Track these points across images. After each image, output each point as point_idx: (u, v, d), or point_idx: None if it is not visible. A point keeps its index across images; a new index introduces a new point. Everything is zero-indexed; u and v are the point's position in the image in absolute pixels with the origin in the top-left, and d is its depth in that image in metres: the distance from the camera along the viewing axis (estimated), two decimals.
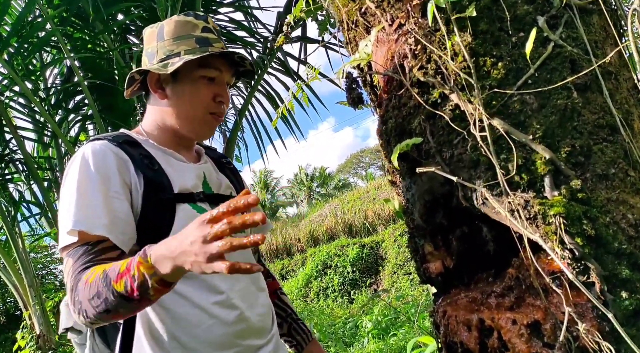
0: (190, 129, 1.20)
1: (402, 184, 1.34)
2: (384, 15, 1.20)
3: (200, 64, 1.16)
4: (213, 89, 1.18)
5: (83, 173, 1.04)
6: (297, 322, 1.47)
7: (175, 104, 1.18)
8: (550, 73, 1.03)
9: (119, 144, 1.11)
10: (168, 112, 1.19)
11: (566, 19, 1.04)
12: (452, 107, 1.09)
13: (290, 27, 1.79)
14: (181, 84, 1.18)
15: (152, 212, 1.05)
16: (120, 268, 0.89)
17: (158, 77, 1.19)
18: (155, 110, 1.22)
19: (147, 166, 1.09)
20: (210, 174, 1.24)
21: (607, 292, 0.96)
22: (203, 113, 1.18)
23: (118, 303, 0.89)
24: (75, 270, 0.96)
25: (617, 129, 1.02)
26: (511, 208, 1.04)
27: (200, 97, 1.17)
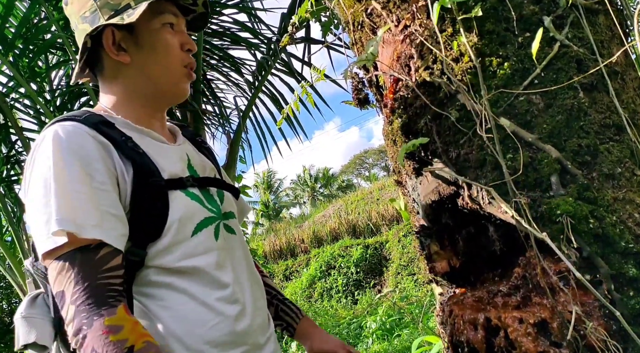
0: (169, 88, 1.06)
1: (408, 184, 1.34)
2: (390, 16, 1.20)
3: (156, 12, 1.02)
4: (178, 37, 1.05)
5: (58, 159, 0.87)
6: (285, 302, 1.34)
7: (145, 63, 1.02)
8: (557, 73, 1.03)
9: (94, 124, 0.94)
10: (137, 77, 1.03)
11: (572, 19, 1.04)
12: (459, 107, 1.10)
13: (295, 28, 1.80)
14: (144, 38, 1.02)
15: (143, 201, 0.93)
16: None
17: (114, 39, 1.01)
18: (118, 81, 1.04)
19: (132, 150, 0.95)
20: (192, 155, 1.11)
21: (614, 291, 0.96)
22: (178, 65, 1.04)
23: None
24: (83, 296, 0.82)
25: (624, 128, 1.02)
26: (517, 208, 1.04)
27: (169, 48, 1.02)
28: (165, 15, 1.03)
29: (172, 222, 0.94)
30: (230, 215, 1.10)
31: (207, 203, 1.03)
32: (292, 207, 41.47)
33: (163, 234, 0.93)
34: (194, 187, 1.02)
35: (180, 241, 0.95)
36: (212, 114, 5.81)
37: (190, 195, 1.00)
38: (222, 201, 1.09)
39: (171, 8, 1.04)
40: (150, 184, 0.93)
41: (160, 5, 1.02)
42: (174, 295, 0.95)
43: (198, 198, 1.01)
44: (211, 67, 5.73)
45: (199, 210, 1.00)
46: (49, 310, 0.97)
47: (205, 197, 1.04)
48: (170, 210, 0.94)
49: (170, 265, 0.94)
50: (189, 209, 0.98)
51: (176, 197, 0.96)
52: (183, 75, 1.05)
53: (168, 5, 1.04)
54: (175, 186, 0.98)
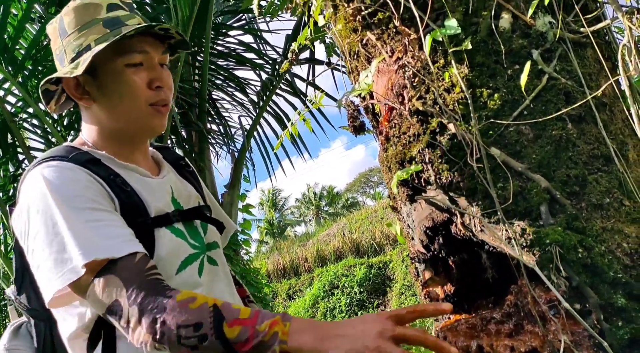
0: (135, 130, 1.02)
1: (403, 210, 1.36)
2: (384, 47, 1.24)
3: (119, 51, 0.97)
4: (144, 75, 0.99)
5: (57, 198, 0.85)
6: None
7: (107, 106, 0.99)
8: (545, 104, 1.06)
9: (82, 164, 0.93)
10: (104, 118, 1.01)
11: (560, 52, 1.07)
12: (450, 136, 1.12)
13: (295, 55, 1.84)
14: (105, 81, 0.98)
15: None
16: (240, 313, 0.78)
17: (77, 82, 0.99)
18: (92, 119, 1.02)
19: (119, 188, 0.94)
20: (176, 186, 1.08)
21: (603, 320, 0.97)
22: (142, 106, 0.99)
23: (214, 345, 0.77)
24: (141, 293, 0.80)
25: (612, 159, 1.04)
26: (508, 236, 1.06)
27: (132, 90, 0.98)
28: (130, 55, 0.97)
29: (157, 260, 0.92)
30: (213, 245, 1.09)
31: (190, 238, 1.02)
32: (296, 225, 41.40)
33: None
34: (178, 222, 1.01)
35: (165, 280, 0.91)
36: (217, 133, 5.87)
37: (175, 232, 0.99)
38: (206, 232, 1.08)
39: (140, 44, 0.99)
40: (138, 224, 0.92)
41: (126, 44, 0.97)
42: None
43: (182, 235, 1.00)
44: (216, 87, 5.81)
45: (183, 247, 0.99)
46: (32, 340, 0.97)
47: (189, 231, 1.03)
48: (156, 249, 0.93)
49: None
50: (174, 247, 0.97)
51: (161, 235, 0.95)
52: (149, 114, 1.00)
53: (136, 42, 0.98)
54: (161, 223, 0.96)
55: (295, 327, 0.75)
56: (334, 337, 0.73)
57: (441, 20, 1.13)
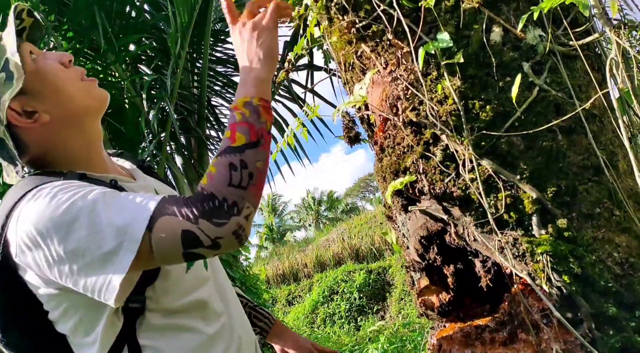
0: (87, 110, 0.99)
1: (398, 219, 1.37)
2: (379, 58, 1.26)
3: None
4: (48, 59, 0.97)
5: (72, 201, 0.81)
6: (256, 309, 1.37)
7: (55, 105, 0.95)
8: (536, 116, 1.07)
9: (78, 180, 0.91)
10: (62, 127, 0.96)
11: (550, 64, 1.09)
12: (443, 148, 1.14)
13: (292, 64, 1.86)
14: (34, 87, 0.93)
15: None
16: (226, 133, 0.83)
17: (18, 112, 0.93)
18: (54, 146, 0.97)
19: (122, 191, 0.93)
20: (157, 186, 1.08)
21: (595, 329, 0.98)
22: (77, 83, 0.98)
23: (249, 156, 0.81)
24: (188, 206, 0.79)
25: (602, 169, 1.05)
26: (500, 246, 1.07)
27: (57, 74, 0.95)
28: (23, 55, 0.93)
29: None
30: None
31: None
32: (296, 230, 41.37)
33: (159, 276, 0.92)
34: None
35: (177, 280, 0.95)
36: (216, 139, 5.89)
37: None
38: None
39: (26, 45, 0.96)
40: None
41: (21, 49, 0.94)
42: (181, 335, 0.94)
43: None
44: (215, 94, 5.84)
45: None
46: None
47: None
48: None
49: (171, 305, 0.94)
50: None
51: None
52: (87, 87, 0.99)
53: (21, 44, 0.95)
54: None
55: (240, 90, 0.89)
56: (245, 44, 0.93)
57: (433, 33, 1.15)
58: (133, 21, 4.53)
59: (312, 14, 1.41)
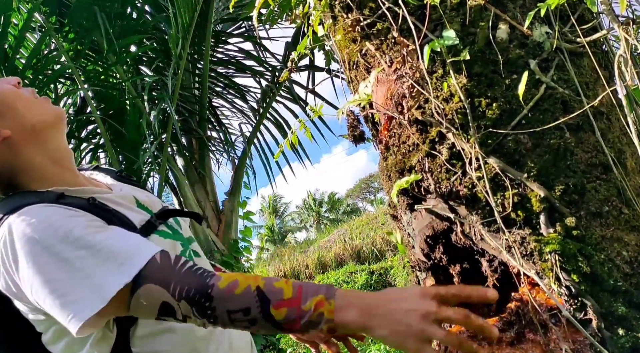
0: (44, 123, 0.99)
1: (403, 219, 1.36)
2: (383, 57, 1.25)
3: None
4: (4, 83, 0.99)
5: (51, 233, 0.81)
6: None
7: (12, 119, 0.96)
8: (543, 114, 1.06)
9: (55, 200, 0.90)
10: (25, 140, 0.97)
11: (557, 61, 1.08)
12: (449, 146, 1.13)
13: (294, 64, 1.85)
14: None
15: None
16: (284, 293, 0.78)
17: None
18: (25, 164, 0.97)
19: (102, 209, 0.93)
20: (136, 194, 1.08)
21: (604, 329, 0.97)
22: (29, 100, 0.99)
23: (266, 326, 0.79)
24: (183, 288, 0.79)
25: (610, 167, 1.04)
26: (508, 245, 1.06)
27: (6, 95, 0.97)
28: None
29: None
30: (192, 239, 1.11)
31: (175, 236, 1.04)
32: (297, 231, 41.34)
33: None
34: (161, 224, 1.01)
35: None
36: (218, 141, 5.88)
37: (163, 235, 0.99)
38: (180, 227, 1.09)
39: None
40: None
41: None
42: (172, 336, 0.95)
43: (169, 235, 1.02)
44: (217, 95, 5.83)
45: (175, 246, 1.01)
46: None
47: (171, 230, 1.04)
48: None
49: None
50: (169, 249, 0.94)
51: (153, 242, 0.93)
52: (40, 103, 1.01)
53: None
54: (149, 230, 0.96)
55: (340, 304, 0.76)
56: (379, 315, 0.73)
57: (439, 30, 1.14)
58: (134, 22, 4.52)
59: (315, 12, 1.41)
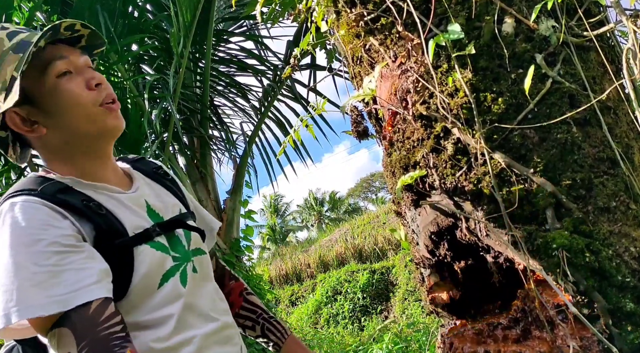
0: (93, 137, 0.99)
1: (407, 215, 1.35)
2: (387, 52, 1.24)
3: (42, 68, 0.94)
4: (78, 80, 0.97)
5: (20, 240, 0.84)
6: (270, 321, 1.29)
7: (59, 126, 0.97)
8: (550, 108, 1.05)
9: (51, 195, 0.91)
10: (60, 139, 0.98)
11: (564, 56, 1.07)
12: (455, 141, 1.12)
13: (297, 60, 1.84)
14: (45, 103, 0.95)
15: (108, 264, 0.90)
16: None
17: (21, 118, 0.96)
18: (49, 146, 1.00)
19: (95, 213, 0.92)
20: (151, 198, 1.06)
21: (612, 325, 0.96)
22: (90, 109, 0.97)
23: None
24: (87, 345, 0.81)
25: (618, 162, 1.03)
26: (514, 241, 1.05)
27: (73, 97, 0.95)
28: (53, 63, 0.95)
29: (137, 279, 0.92)
30: (197, 252, 1.08)
31: (172, 250, 1.01)
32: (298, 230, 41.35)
33: (129, 292, 0.92)
34: (159, 235, 0.99)
35: (147, 296, 0.94)
36: (219, 139, 5.87)
37: (156, 246, 0.98)
38: (189, 239, 1.07)
39: (57, 51, 0.96)
40: (116, 245, 0.91)
41: (44, 58, 0.95)
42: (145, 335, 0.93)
43: (163, 247, 0.99)
44: (218, 93, 5.82)
45: (164, 260, 0.98)
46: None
47: (171, 243, 1.02)
48: (135, 268, 0.93)
49: (136, 319, 0.93)
50: (155, 262, 0.96)
51: (141, 252, 0.94)
52: (100, 114, 0.98)
53: (51, 52, 0.96)
54: (141, 240, 0.96)
55: None
56: None
57: (444, 25, 1.13)
58: (135, 21, 4.51)
59: (318, 7, 1.40)
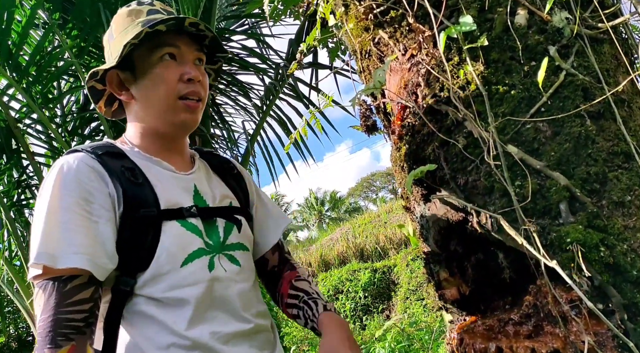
0: (164, 123, 1.05)
1: (416, 210, 1.34)
2: (397, 45, 1.22)
3: (152, 47, 1.02)
4: (176, 69, 1.03)
5: (56, 192, 0.91)
6: (308, 302, 1.15)
7: (144, 100, 1.05)
8: (563, 101, 1.04)
9: (99, 156, 0.98)
10: (140, 113, 1.06)
11: (577, 48, 1.06)
12: (466, 134, 1.11)
13: (303, 55, 1.83)
14: (142, 76, 1.04)
15: (132, 231, 0.94)
16: None
17: (119, 80, 1.07)
18: (132, 116, 1.09)
19: (129, 180, 0.97)
20: (201, 184, 1.10)
21: (627, 320, 0.95)
22: (171, 99, 1.03)
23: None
24: (43, 328, 0.84)
25: (632, 156, 1.02)
26: (527, 235, 1.04)
27: (164, 82, 1.02)
28: (162, 48, 1.02)
29: (161, 252, 0.94)
30: (236, 246, 1.07)
31: (206, 235, 1.01)
32: (299, 230, 41.33)
33: (151, 265, 0.93)
34: (194, 216, 1.01)
35: (168, 271, 0.94)
36: (221, 138, 5.86)
37: (186, 225, 0.99)
38: (229, 232, 1.06)
39: (172, 40, 1.04)
40: (141, 215, 0.94)
41: (159, 39, 1.02)
42: (154, 327, 0.93)
43: (195, 229, 1.00)
44: (220, 92, 5.81)
45: (193, 240, 0.99)
46: None
47: (207, 228, 1.02)
48: (161, 241, 0.95)
49: (156, 295, 0.93)
50: (182, 239, 0.97)
51: (169, 227, 0.97)
52: (177, 108, 1.04)
53: (169, 37, 1.03)
54: (172, 216, 0.98)
55: None
56: None
57: (455, 17, 1.12)
58: None
59: (326, 1, 1.38)
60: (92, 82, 1.09)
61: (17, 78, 3.76)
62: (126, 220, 0.94)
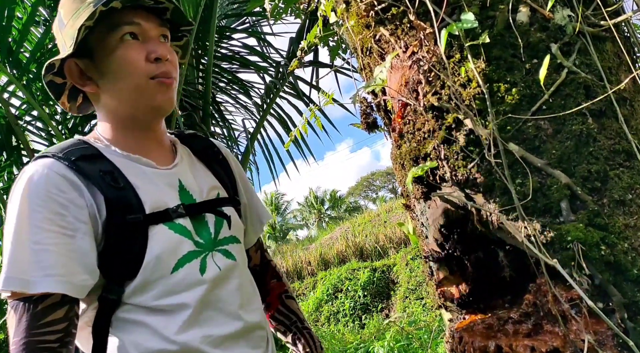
0: (138, 109, 0.97)
1: (416, 208, 1.34)
2: (398, 42, 1.22)
3: (110, 28, 0.93)
4: (140, 49, 0.95)
5: (24, 208, 0.84)
6: (302, 332, 1.24)
7: (109, 88, 0.96)
8: (565, 99, 1.04)
9: (72, 162, 0.90)
10: (110, 103, 0.97)
11: (579, 46, 1.05)
12: (467, 132, 1.10)
13: (304, 53, 1.83)
14: (103, 62, 0.94)
15: (118, 239, 0.88)
16: None
17: (79, 69, 0.97)
18: (101, 109, 1.00)
19: (109, 185, 0.90)
20: (186, 177, 1.02)
21: (628, 319, 0.95)
22: (142, 81, 0.94)
23: None
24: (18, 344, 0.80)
25: (634, 154, 1.02)
26: (527, 234, 1.04)
27: (128, 64, 0.93)
28: (121, 27, 0.93)
29: (149, 259, 0.89)
30: (229, 240, 1.03)
31: (195, 234, 0.97)
32: (298, 229, 41.36)
33: (140, 272, 0.89)
34: (182, 216, 0.96)
35: (158, 278, 0.90)
36: (221, 136, 5.86)
37: (174, 228, 0.94)
38: (220, 226, 1.02)
39: (130, 17, 0.94)
40: (127, 222, 0.89)
41: (115, 18, 0.93)
42: (143, 333, 0.90)
43: (183, 230, 0.95)
44: (220, 90, 5.81)
45: (183, 243, 0.94)
46: None
47: (196, 226, 0.97)
48: (149, 248, 0.90)
49: (146, 303, 0.90)
50: (171, 244, 0.92)
51: (157, 233, 0.91)
52: (150, 89, 0.95)
53: (126, 15, 0.94)
54: (158, 220, 0.92)
55: None
56: None
57: (456, 14, 1.11)
58: None
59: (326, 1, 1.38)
60: (50, 76, 0.99)
61: (17, 75, 3.76)
62: (110, 229, 0.88)
